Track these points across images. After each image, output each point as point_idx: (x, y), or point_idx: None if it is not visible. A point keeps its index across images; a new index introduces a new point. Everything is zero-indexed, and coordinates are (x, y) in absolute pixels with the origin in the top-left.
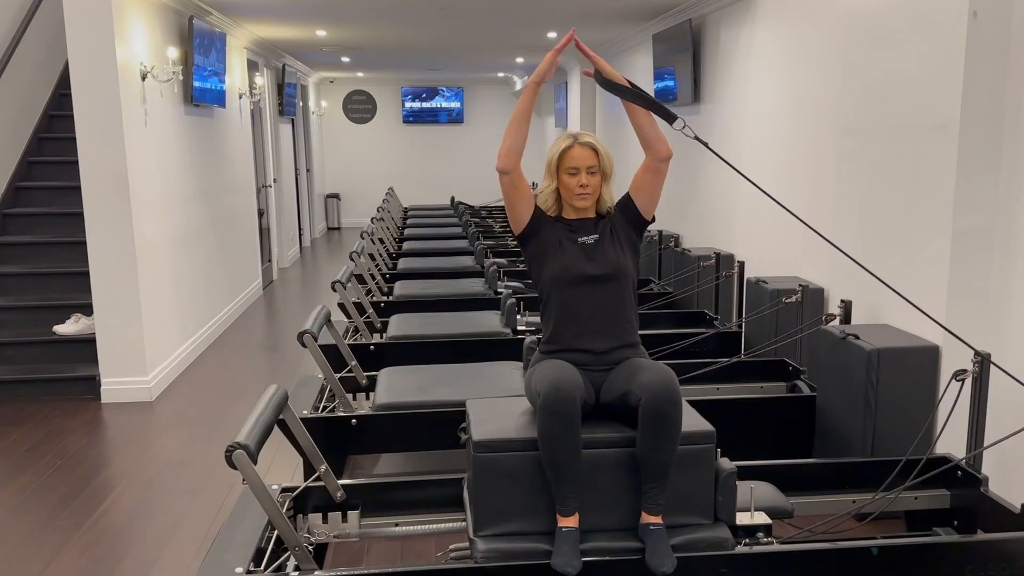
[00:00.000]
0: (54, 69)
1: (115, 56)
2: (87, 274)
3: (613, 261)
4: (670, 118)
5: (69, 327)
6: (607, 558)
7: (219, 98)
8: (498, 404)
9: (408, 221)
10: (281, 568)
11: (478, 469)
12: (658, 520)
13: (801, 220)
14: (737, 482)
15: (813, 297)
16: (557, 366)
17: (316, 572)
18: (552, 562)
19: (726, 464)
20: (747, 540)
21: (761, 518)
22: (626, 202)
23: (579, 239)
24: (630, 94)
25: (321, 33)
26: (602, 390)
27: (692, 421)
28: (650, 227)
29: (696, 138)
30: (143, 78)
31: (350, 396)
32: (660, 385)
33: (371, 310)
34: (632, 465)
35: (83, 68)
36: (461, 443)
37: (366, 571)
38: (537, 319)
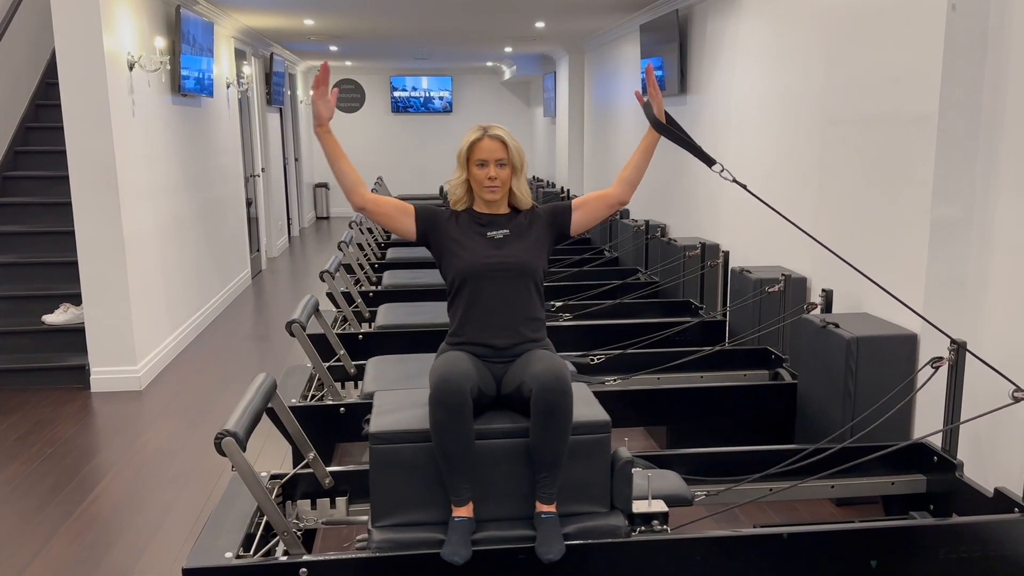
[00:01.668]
0: (41, 58)
1: (102, 45)
2: (75, 264)
3: (520, 257)
4: (709, 162)
5: (58, 317)
6: (500, 547)
7: (207, 87)
8: (404, 396)
9: None
10: (270, 553)
11: (375, 460)
12: (551, 509)
13: (801, 228)
14: (635, 470)
15: (795, 286)
16: (453, 358)
17: (304, 557)
18: (441, 552)
19: (623, 453)
20: (642, 528)
21: (659, 506)
22: (563, 209)
23: (488, 233)
24: (674, 135)
25: (309, 22)
26: (503, 382)
27: (588, 411)
28: (636, 217)
29: (735, 181)
30: (130, 67)
31: (338, 385)
32: (550, 376)
33: (359, 299)
34: (528, 455)
35: (70, 57)
36: (363, 434)
37: (354, 556)
38: None
